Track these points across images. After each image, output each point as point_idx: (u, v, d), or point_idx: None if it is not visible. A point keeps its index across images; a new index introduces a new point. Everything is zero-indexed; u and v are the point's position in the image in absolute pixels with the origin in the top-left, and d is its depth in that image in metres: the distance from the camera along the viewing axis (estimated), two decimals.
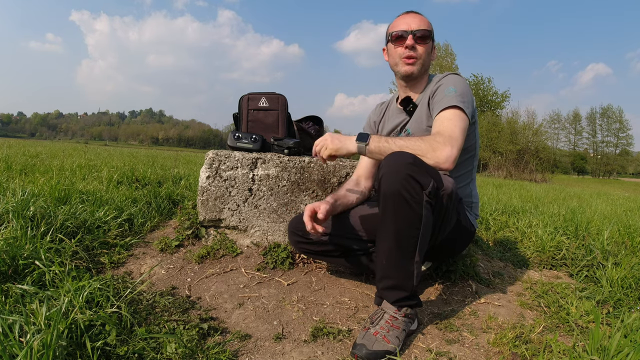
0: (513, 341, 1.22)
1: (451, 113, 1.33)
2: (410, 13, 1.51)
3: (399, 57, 1.49)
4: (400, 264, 1.19)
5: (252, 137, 1.87)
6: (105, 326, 1.06)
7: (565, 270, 1.98)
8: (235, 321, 1.33)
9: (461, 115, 1.32)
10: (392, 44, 1.51)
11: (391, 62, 1.54)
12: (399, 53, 1.49)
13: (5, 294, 1.20)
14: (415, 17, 1.49)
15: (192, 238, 1.84)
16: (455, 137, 1.26)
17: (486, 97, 29.18)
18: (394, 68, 1.54)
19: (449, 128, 1.28)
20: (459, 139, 1.27)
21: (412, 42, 1.45)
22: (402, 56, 1.48)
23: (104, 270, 1.55)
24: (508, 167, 21.83)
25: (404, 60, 1.48)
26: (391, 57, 1.53)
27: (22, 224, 1.56)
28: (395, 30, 1.48)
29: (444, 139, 1.24)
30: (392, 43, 1.51)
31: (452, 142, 1.24)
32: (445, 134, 1.26)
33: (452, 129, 1.28)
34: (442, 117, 1.33)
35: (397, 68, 1.52)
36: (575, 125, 58.88)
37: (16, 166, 3.38)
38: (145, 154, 10.31)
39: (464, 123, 1.32)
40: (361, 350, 1.13)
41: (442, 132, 1.27)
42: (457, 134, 1.27)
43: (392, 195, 1.14)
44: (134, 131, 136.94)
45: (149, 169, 3.86)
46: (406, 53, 1.47)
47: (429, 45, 1.50)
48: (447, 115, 1.32)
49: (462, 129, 1.30)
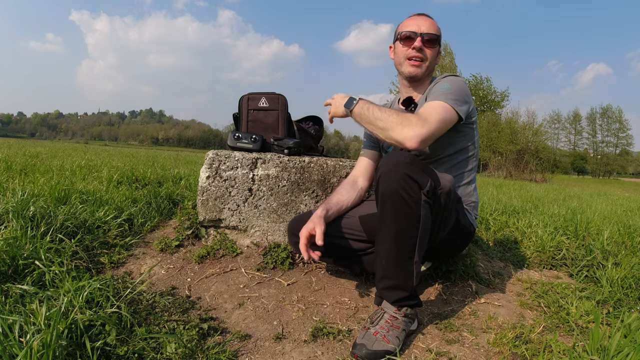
0: (513, 341, 1.22)
1: (437, 103, 1.34)
2: (421, 15, 1.53)
3: (405, 57, 1.50)
4: (399, 264, 1.19)
5: (252, 137, 1.87)
6: (105, 326, 1.06)
7: (565, 270, 1.98)
8: (235, 321, 1.33)
9: (447, 108, 1.33)
10: (400, 43, 1.52)
11: (396, 61, 1.55)
12: (405, 53, 1.50)
13: (5, 294, 1.20)
14: (426, 20, 1.51)
15: (192, 238, 1.84)
16: (430, 121, 1.26)
17: (486, 97, 29.19)
18: (398, 67, 1.55)
19: (427, 112, 1.30)
20: (434, 123, 1.26)
21: (420, 45, 1.47)
22: (407, 56, 1.49)
23: (104, 270, 1.55)
24: (508, 167, 21.83)
25: (410, 62, 1.49)
26: (397, 55, 1.54)
27: (22, 224, 1.56)
28: (404, 30, 1.49)
29: (417, 119, 1.25)
30: (400, 42, 1.52)
31: (425, 123, 1.24)
32: (422, 116, 1.27)
33: (431, 113, 1.29)
34: (428, 104, 1.35)
35: (401, 68, 1.53)
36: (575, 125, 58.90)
37: (16, 166, 3.38)
38: (145, 154, 10.31)
39: (447, 115, 1.32)
40: (361, 350, 1.13)
41: (420, 114, 1.29)
42: (434, 119, 1.27)
43: (391, 195, 1.15)
44: (134, 131, 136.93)
45: (149, 169, 3.86)
46: (412, 54, 1.48)
47: (436, 49, 1.52)
48: (433, 104, 1.34)
49: (442, 118, 1.30)
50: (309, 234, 1.36)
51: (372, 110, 1.31)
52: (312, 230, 1.36)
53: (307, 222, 1.39)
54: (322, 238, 1.34)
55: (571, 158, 56.41)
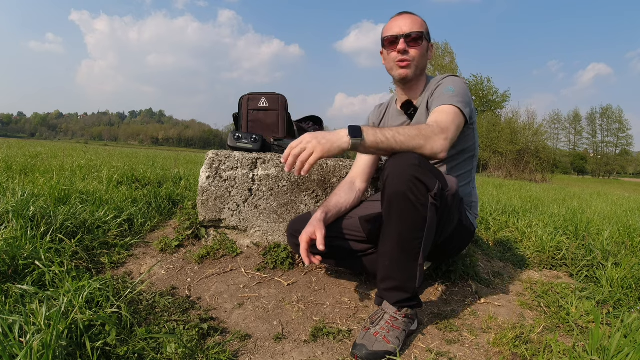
0: (513, 341, 1.22)
1: (447, 107, 1.34)
2: (402, 15, 1.50)
3: (393, 62, 1.49)
4: (403, 266, 1.19)
5: (252, 137, 1.87)
6: (105, 326, 1.06)
7: (565, 271, 1.98)
8: (235, 321, 1.33)
9: (457, 112, 1.33)
10: (385, 49, 1.51)
11: (387, 67, 1.55)
12: (392, 57, 1.49)
13: (5, 294, 1.19)
14: (406, 18, 1.48)
15: (192, 238, 1.84)
16: (450, 129, 1.27)
17: (486, 97, 29.20)
18: (390, 72, 1.54)
19: (445, 120, 1.29)
20: (453, 132, 1.28)
21: (404, 46, 1.45)
22: (395, 60, 1.48)
23: (104, 271, 1.55)
24: (508, 167, 21.84)
25: (398, 65, 1.48)
26: (387, 61, 1.54)
27: (22, 224, 1.56)
28: (387, 35, 1.48)
29: (440, 129, 1.25)
30: (385, 48, 1.51)
31: (447, 133, 1.25)
32: (442, 125, 1.27)
33: (447, 121, 1.29)
34: (439, 110, 1.34)
35: (392, 72, 1.53)
36: (575, 125, 58.93)
37: (16, 166, 3.38)
38: (145, 154, 10.31)
39: (460, 120, 1.33)
40: (361, 351, 1.13)
41: (439, 123, 1.28)
42: (452, 128, 1.28)
43: (398, 197, 1.14)
44: (134, 131, 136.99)
45: (149, 169, 3.86)
46: (399, 57, 1.47)
47: (423, 46, 1.48)
48: (444, 109, 1.34)
49: (457, 125, 1.32)
50: (309, 238, 1.34)
51: (390, 132, 1.20)
52: (313, 234, 1.34)
53: (306, 226, 1.37)
54: (323, 243, 1.31)
55: (571, 158, 56.44)
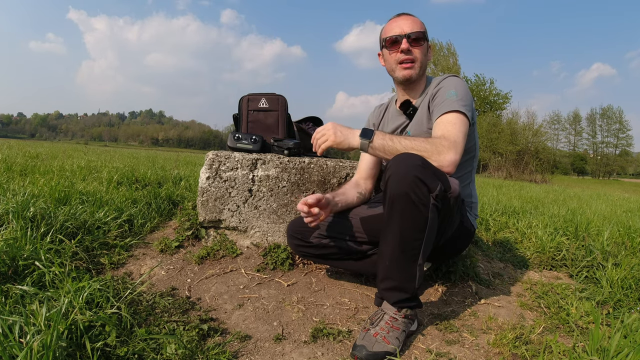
0: (513, 342, 1.22)
1: (454, 117, 1.33)
2: (401, 16, 1.50)
3: (396, 63, 1.48)
4: (403, 266, 1.19)
5: (252, 137, 1.87)
6: (105, 327, 1.06)
7: (565, 271, 1.98)
8: (235, 322, 1.33)
9: (463, 120, 1.33)
10: (387, 50, 1.50)
11: (388, 68, 1.54)
12: (395, 58, 1.48)
13: (5, 295, 1.20)
14: (407, 19, 1.48)
15: (192, 239, 1.84)
16: (459, 142, 1.28)
17: (487, 98, 29.21)
18: (391, 73, 1.54)
19: (453, 133, 1.29)
20: (462, 144, 1.29)
21: (407, 46, 1.45)
22: (398, 61, 1.47)
23: (104, 271, 1.55)
24: (508, 168, 21.85)
25: (401, 66, 1.47)
26: (387, 62, 1.53)
27: (22, 224, 1.56)
28: (389, 36, 1.47)
29: (449, 143, 1.25)
30: (386, 49, 1.50)
31: (456, 146, 1.26)
32: (451, 139, 1.27)
33: (456, 133, 1.29)
34: (445, 120, 1.33)
35: (394, 74, 1.51)
36: (575, 126, 58.90)
37: (16, 167, 3.38)
38: (145, 154, 10.32)
39: (466, 127, 1.34)
40: (361, 352, 1.13)
41: (447, 137, 1.28)
42: (460, 140, 1.29)
43: (400, 197, 1.14)
44: (134, 132, 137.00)
45: (149, 170, 3.86)
46: (402, 57, 1.46)
47: (424, 46, 1.49)
48: (450, 119, 1.33)
49: (465, 133, 1.32)
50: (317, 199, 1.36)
51: (398, 139, 1.27)
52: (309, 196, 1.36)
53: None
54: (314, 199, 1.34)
55: (571, 159, 56.40)
